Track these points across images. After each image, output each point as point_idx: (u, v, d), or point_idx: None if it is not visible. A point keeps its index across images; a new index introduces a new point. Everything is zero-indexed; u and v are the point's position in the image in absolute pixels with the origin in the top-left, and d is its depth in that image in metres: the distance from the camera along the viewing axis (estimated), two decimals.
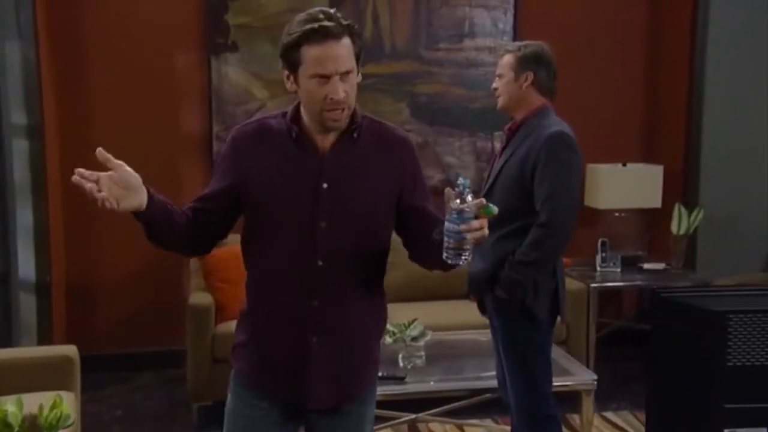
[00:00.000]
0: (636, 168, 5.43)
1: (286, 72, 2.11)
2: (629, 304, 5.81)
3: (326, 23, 2.03)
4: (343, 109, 2.08)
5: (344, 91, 2.05)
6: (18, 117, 4.69)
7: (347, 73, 2.06)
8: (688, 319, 2.29)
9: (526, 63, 3.29)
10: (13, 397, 2.72)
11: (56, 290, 5.01)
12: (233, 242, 4.80)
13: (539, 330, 3.25)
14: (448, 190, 1.94)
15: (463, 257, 1.96)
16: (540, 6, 5.49)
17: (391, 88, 5.41)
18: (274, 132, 2.17)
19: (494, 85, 3.42)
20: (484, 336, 4.05)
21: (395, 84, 5.41)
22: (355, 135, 2.16)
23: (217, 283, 4.59)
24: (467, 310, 4.82)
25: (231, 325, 4.43)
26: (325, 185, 2.12)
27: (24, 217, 4.71)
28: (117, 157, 2.06)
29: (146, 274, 5.18)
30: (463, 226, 1.92)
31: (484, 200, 1.93)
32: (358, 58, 2.10)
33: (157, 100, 5.17)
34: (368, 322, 2.27)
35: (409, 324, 3.94)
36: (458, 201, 1.92)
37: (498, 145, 5.37)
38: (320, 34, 2.02)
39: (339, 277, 2.15)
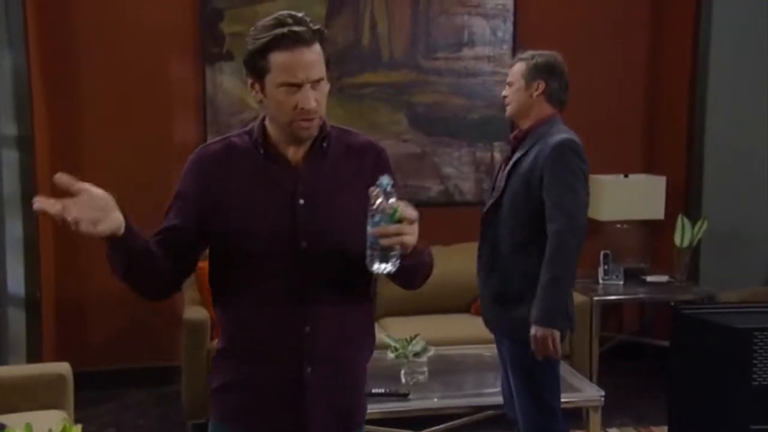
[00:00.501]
0: (638, 179, 5.39)
1: (251, 80, 1.99)
2: (631, 317, 5.76)
3: (296, 28, 1.91)
4: (314, 119, 1.97)
5: (315, 99, 1.94)
6: (7, 127, 4.60)
7: (318, 81, 1.95)
8: (711, 337, 2.23)
9: (537, 72, 3.24)
10: (17, 419, 2.62)
11: (46, 305, 4.91)
12: None
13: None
14: (371, 189, 1.84)
15: (382, 265, 1.82)
16: (540, 15, 5.45)
17: (389, 97, 5.36)
18: (240, 150, 2.04)
19: (504, 92, 3.36)
20: (488, 351, 4.01)
21: (393, 93, 5.36)
22: (324, 145, 2.04)
23: None
24: (468, 324, 4.80)
25: None
26: (301, 201, 2.00)
27: (13, 229, 4.62)
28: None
29: None
30: (375, 230, 1.80)
31: (399, 204, 1.82)
32: (327, 65, 1.99)
33: (150, 110, 5.10)
34: (361, 343, 2.15)
35: (411, 339, 3.87)
36: (378, 201, 1.81)
37: (498, 155, 5.43)
38: (290, 40, 1.90)
39: (329, 299, 2.02)
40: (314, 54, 1.93)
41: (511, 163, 3.23)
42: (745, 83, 5.21)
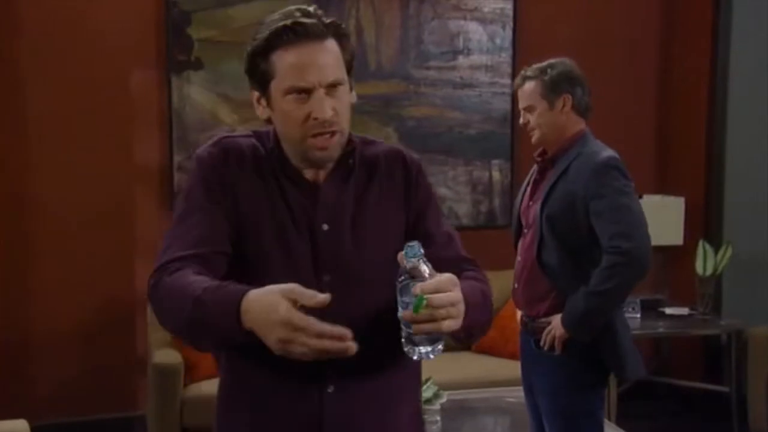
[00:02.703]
0: (653, 201, 5.21)
1: (256, 93, 1.77)
2: (647, 353, 5.57)
3: (303, 19, 1.70)
4: (333, 133, 1.72)
5: (332, 108, 1.70)
6: None
7: (335, 85, 1.71)
8: None
9: (558, 86, 3.09)
10: None
11: None
12: None
13: (595, 392, 3.06)
14: (400, 255, 1.61)
15: (421, 349, 1.60)
16: (542, 21, 5.33)
17: (377, 110, 5.16)
18: (261, 156, 1.79)
19: (523, 120, 3.19)
20: (509, 394, 3.85)
21: (381, 106, 5.17)
22: (350, 162, 1.82)
23: None
24: (474, 364, 4.62)
25: (202, 387, 4.22)
26: (325, 226, 1.76)
27: None
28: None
29: (95, 328, 4.83)
30: (404, 313, 1.58)
31: (427, 287, 1.55)
32: (349, 69, 1.76)
33: (107, 127, 4.85)
34: (400, 406, 1.86)
35: (422, 383, 3.62)
36: (403, 277, 1.59)
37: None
38: (295, 33, 1.69)
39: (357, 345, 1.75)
40: (328, 51, 1.71)
41: (543, 190, 3.08)
42: (767, 92, 5.07)
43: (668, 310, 5.12)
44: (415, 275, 1.57)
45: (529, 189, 3.20)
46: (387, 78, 5.18)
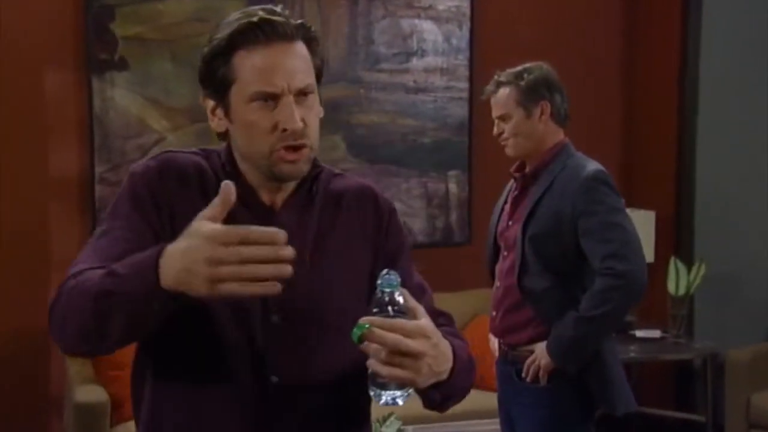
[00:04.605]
0: None
1: (212, 102, 1.66)
2: None
3: (270, 17, 1.60)
4: (303, 146, 1.61)
5: (302, 118, 1.59)
6: None
7: (304, 93, 1.61)
8: None
9: (536, 92, 3.05)
10: None
11: None
12: None
13: (583, 426, 3.04)
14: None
15: (382, 394, 1.48)
16: (501, 20, 5.24)
17: (323, 117, 4.94)
18: (209, 176, 1.68)
19: (497, 130, 3.09)
20: (479, 427, 3.84)
21: (327, 112, 4.70)
22: (314, 189, 1.69)
23: (111, 372, 4.13)
24: None
25: (131, 428, 3.93)
26: None
27: None
28: None
29: (1, 362, 4.57)
30: (364, 347, 1.46)
31: (374, 320, 1.43)
32: (318, 77, 1.67)
33: (18, 135, 4.62)
34: None
35: (385, 419, 3.44)
36: (379, 307, 1.47)
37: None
38: (262, 32, 1.58)
39: (303, 402, 1.64)
40: (297, 54, 1.62)
41: (524, 208, 3.01)
42: (738, 100, 5.12)
43: (639, 333, 5.01)
44: (389, 307, 1.46)
45: (507, 207, 3.10)
46: (334, 81, 4.98)
